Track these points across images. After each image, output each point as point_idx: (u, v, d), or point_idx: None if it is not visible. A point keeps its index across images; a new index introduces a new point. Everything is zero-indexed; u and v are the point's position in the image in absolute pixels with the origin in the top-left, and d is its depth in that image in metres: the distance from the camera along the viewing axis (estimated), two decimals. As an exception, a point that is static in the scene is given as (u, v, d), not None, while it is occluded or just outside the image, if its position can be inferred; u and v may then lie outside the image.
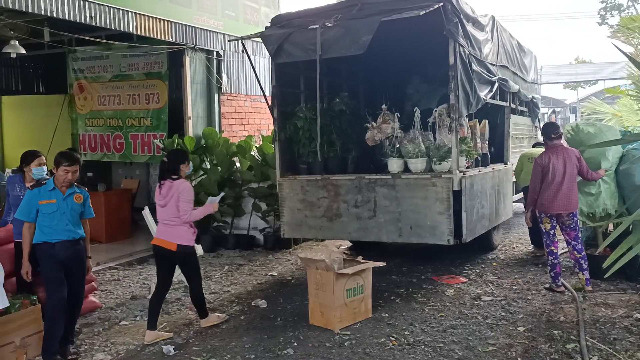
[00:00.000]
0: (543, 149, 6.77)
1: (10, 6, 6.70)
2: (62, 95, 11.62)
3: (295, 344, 4.93)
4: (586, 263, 6.22)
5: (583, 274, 6.21)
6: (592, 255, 6.64)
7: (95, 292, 6.22)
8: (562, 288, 6.19)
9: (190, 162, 5.47)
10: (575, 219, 6.19)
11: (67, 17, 7.30)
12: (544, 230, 6.26)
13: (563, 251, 7.11)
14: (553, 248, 6.23)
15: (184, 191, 5.17)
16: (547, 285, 6.35)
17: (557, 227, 6.26)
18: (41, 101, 12.45)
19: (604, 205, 6.43)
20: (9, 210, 5.56)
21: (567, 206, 6.10)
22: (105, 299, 6.42)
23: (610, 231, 7.05)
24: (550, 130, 6.28)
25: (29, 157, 5.36)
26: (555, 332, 5.04)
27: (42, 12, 7.01)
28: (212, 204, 5.43)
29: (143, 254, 8.34)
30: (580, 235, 6.26)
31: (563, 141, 6.45)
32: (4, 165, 12.49)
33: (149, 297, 6.32)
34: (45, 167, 5.32)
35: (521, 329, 5.15)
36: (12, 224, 5.35)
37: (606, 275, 5.11)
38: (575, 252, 6.23)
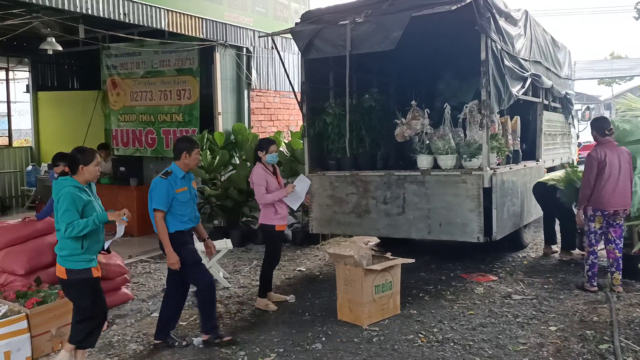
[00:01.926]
0: None
1: (47, 4, 6.86)
2: (96, 92, 11.85)
3: (323, 338, 4.96)
4: (622, 264, 6.12)
5: (619, 273, 6.11)
6: (627, 254, 6.51)
7: (127, 284, 6.34)
8: (596, 288, 6.08)
9: (271, 148, 5.79)
10: (625, 215, 6.10)
11: (101, 15, 7.44)
12: (593, 229, 6.09)
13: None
14: (596, 247, 6.13)
15: (253, 177, 5.76)
16: (579, 284, 6.25)
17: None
18: (76, 97, 12.72)
19: (638, 205, 6.29)
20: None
21: (625, 202, 6.01)
22: (138, 291, 6.54)
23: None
24: (605, 126, 6.13)
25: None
26: (588, 332, 4.95)
27: (78, 10, 7.16)
28: (286, 189, 5.80)
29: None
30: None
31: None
32: (40, 160, 12.83)
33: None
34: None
35: (553, 328, 5.08)
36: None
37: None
38: (617, 251, 6.11)
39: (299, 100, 7.40)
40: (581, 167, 6.92)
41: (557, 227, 7.82)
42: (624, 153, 6.06)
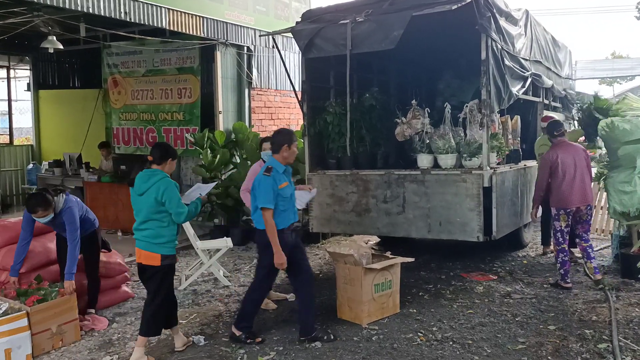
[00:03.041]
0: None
1: (49, 2, 6.87)
2: (97, 90, 11.87)
3: (324, 338, 4.96)
4: (593, 252, 6.34)
5: (591, 262, 6.30)
6: (626, 254, 6.53)
7: (128, 282, 6.36)
8: (570, 284, 6.22)
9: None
10: (591, 210, 6.32)
11: (102, 13, 7.44)
12: (559, 228, 6.27)
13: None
14: (565, 246, 6.30)
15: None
16: (552, 281, 6.39)
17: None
18: (77, 95, 12.73)
19: (638, 205, 6.29)
20: None
21: (585, 199, 6.21)
22: (138, 289, 6.54)
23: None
24: (553, 128, 6.46)
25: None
26: (587, 331, 4.96)
27: (79, 8, 7.16)
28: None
29: (174, 246, 8.47)
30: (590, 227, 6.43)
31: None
32: (41, 158, 12.84)
33: (180, 288, 6.46)
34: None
35: (552, 327, 5.09)
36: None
37: (641, 275, 5.03)
38: (583, 242, 6.33)
39: (300, 99, 7.41)
40: None
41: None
42: (579, 151, 6.31)
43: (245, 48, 10.25)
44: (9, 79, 13.55)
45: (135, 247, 4.60)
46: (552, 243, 6.67)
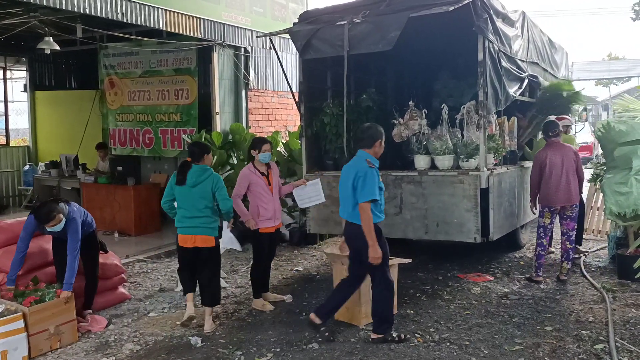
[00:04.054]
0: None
1: (45, 3, 6.85)
2: (94, 91, 11.83)
3: (320, 338, 4.96)
4: (573, 255, 6.58)
5: (567, 263, 6.51)
6: (623, 255, 6.54)
7: (124, 283, 6.35)
8: (541, 278, 6.44)
9: (264, 147, 5.78)
10: (577, 209, 6.50)
11: (99, 14, 7.43)
12: (542, 224, 6.54)
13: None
14: (544, 241, 6.55)
15: (239, 175, 5.90)
16: (527, 276, 6.58)
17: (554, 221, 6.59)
18: (73, 96, 12.71)
19: (634, 206, 6.29)
20: None
21: (569, 198, 6.40)
22: (135, 291, 6.54)
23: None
24: (548, 129, 6.62)
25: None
26: (583, 332, 4.97)
27: (75, 9, 7.15)
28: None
29: (171, 247, 8.45)
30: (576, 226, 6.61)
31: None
32: (37, 159, 12.81)
33: (177, 289, 6.45)
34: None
35: (549, 328, 5.10)
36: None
37: (637, 276, 5.05)
38: (567, 243, 6.50)
39: (297, 100, 7.41)
40: None
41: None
42: (569, 152, 6.49)
43: (243, 49, 10.25)
44: (5, 79, 13.52)
45: (185, 235, 5.27)
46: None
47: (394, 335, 4.84)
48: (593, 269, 7.04)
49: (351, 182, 4.69)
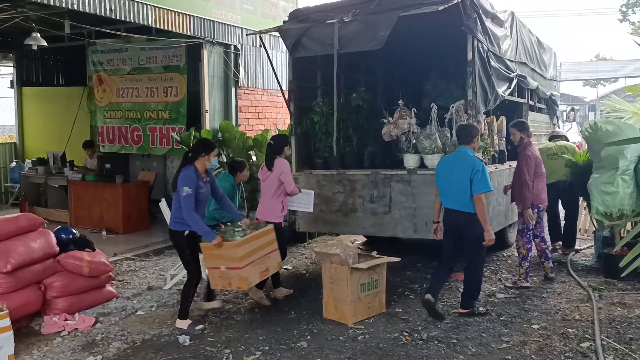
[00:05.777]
0: (560, 141, 7.70)
1: (33, -1, 6.80)
2: (82, 88, 11.76)
3: (309, 337, 4.97)
4: (550, 253, 6.70)
5: (548, 262, 6.58)
6: (609, 254, 6.60)
7: (112, 282, 6.31)
8: (528, 284, 6.39)
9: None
10: (544, 212, 6.58)
11: (87, 10, 7.37)
12: (530, 226, 6.33)
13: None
14: (534, 243, 6.55)
15: (284, 167, 5.95)
16: (517, 285, 6.36)
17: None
18: (61, 93, 12.61)
19: (620, 205, 6.36)
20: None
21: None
22: (122, 289, 6.50)
23: (628, 230, 6.98)
24: (528, 127, 6.58)
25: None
26: (570, 330, 5.02)
27: (63, 5, 7.08)
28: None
29: (159, 246, 8.43)
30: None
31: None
32: (24, 156, 12.69)
33: (165, 287, 6.42)
34: None
35: (535, 326, 5.14)
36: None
37: (622, 275, 5.02)
38: (542, 244, 6.57)
39: (287, 98, 7.40)
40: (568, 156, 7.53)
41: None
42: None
43: (233, 47, 10.22)
44: (-8, 76, 13.40)
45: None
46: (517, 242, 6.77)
47: (480, 309, 5.44)
48: (580, 268, 7.10)
49: (468, 175, 5.22)
